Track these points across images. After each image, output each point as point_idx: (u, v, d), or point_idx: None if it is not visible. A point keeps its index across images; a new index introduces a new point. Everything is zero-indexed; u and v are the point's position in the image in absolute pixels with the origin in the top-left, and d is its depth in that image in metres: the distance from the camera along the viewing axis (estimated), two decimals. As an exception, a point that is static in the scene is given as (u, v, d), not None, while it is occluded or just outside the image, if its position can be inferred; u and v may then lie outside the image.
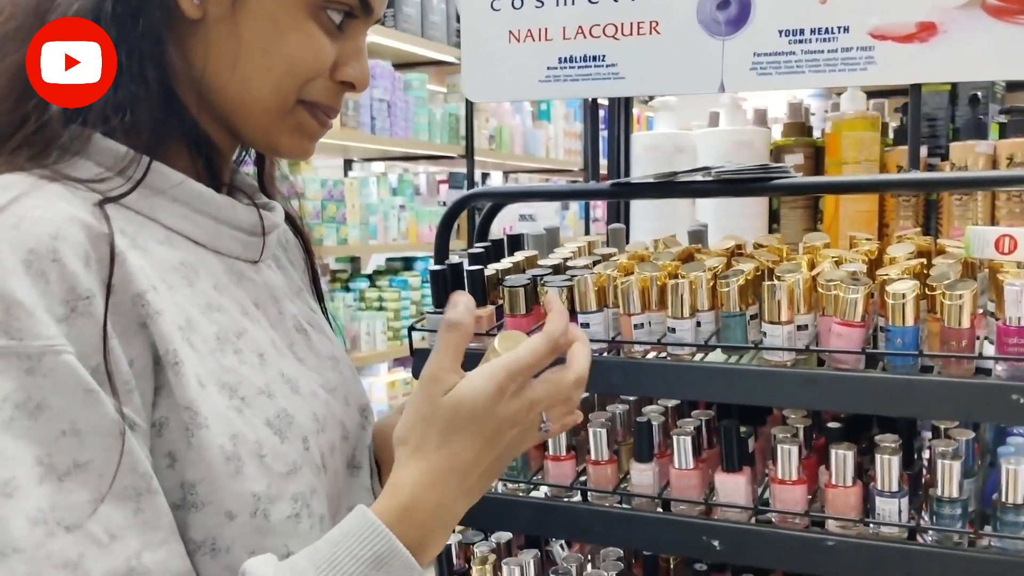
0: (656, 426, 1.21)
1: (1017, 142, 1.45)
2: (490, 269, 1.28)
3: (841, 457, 1.08)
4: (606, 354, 1.19)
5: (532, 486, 1.29)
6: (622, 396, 1.32)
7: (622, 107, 1.84)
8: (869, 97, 1.65)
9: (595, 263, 1.29)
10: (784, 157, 1.61)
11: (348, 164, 4.81)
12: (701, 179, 1.24)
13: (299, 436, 0.72)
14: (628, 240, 1.62)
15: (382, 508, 0.67)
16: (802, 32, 1.19)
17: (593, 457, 1.22)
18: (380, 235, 4.10)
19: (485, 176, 5.48)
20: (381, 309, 4.20)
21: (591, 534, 1.22)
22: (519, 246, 1.46)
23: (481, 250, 1.35)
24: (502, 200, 1.68)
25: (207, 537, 0.66)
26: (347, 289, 4.23)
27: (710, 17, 1.23)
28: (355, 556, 0.64)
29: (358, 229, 3.94)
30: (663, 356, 1.19)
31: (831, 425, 1.17)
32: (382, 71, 3.91)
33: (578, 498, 1.24)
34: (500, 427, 0.69)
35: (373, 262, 4.78)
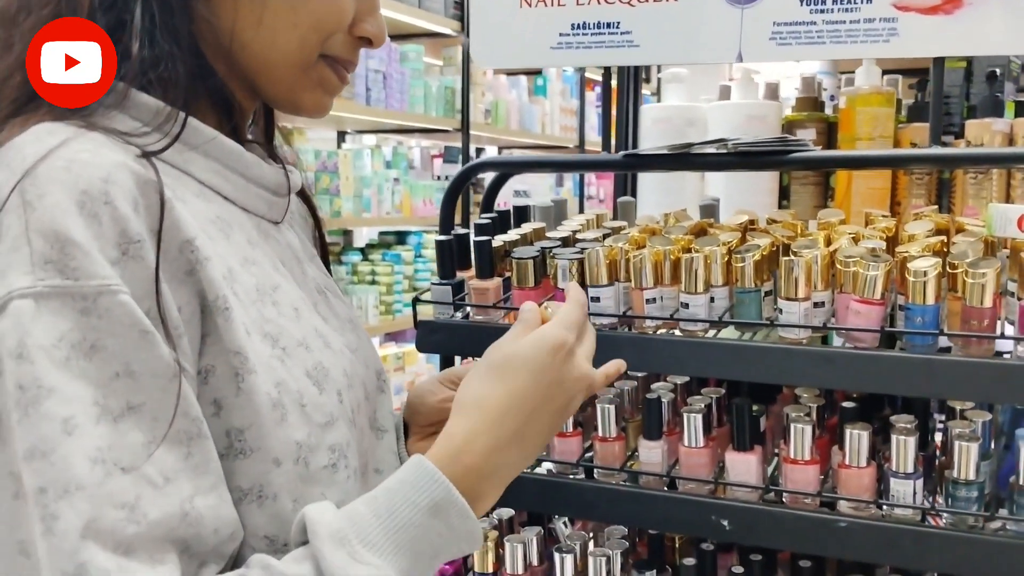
0: (666, 403, 1.18)
1: (1035, 120, 1.43)
2: (497, 240, 1.26)
3: (856, 437, 1.06)
4: (617, 329, 1.16)
5: (536, 462, 1.26)
6: (630, 372, 1.30)
7: (631, 77, 1.80)
8: (883, 74, 1.61)
9: (605, 236, 1.27)
10: (796, 132, 1.58)
11: (341, 136, 4.75)
12: (717, 151, 1.21)
13: (334, 389, 0.73)
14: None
15: (435, 454, 0.68)
16: (824, 1, 1.16)
17: (600, 434, 1.19)
18: (374, 208, 4.05)
19: (479, 151, 5.42)
20: (374, 283, 4.16)
21: (597, 512, 1.20)
22: (525, 218, 1.43)
23: (487, 221, 1.32)
24: (510, 170, 1.64)
25: (254, 484, 0.67)
26: (339, 262, 4.18)
27: (729, -16, 1.19)
28: (412, 503, 0.65)
29: (351, 202, 3.89)
30: (672, 332, 1.16)
31: (845, 405, 1.15)
32: (378, 41, 3.84)
33: (583, 475, 1.22)
34: (561, 378, 0.72)
35: (365, 236, 4.74)
